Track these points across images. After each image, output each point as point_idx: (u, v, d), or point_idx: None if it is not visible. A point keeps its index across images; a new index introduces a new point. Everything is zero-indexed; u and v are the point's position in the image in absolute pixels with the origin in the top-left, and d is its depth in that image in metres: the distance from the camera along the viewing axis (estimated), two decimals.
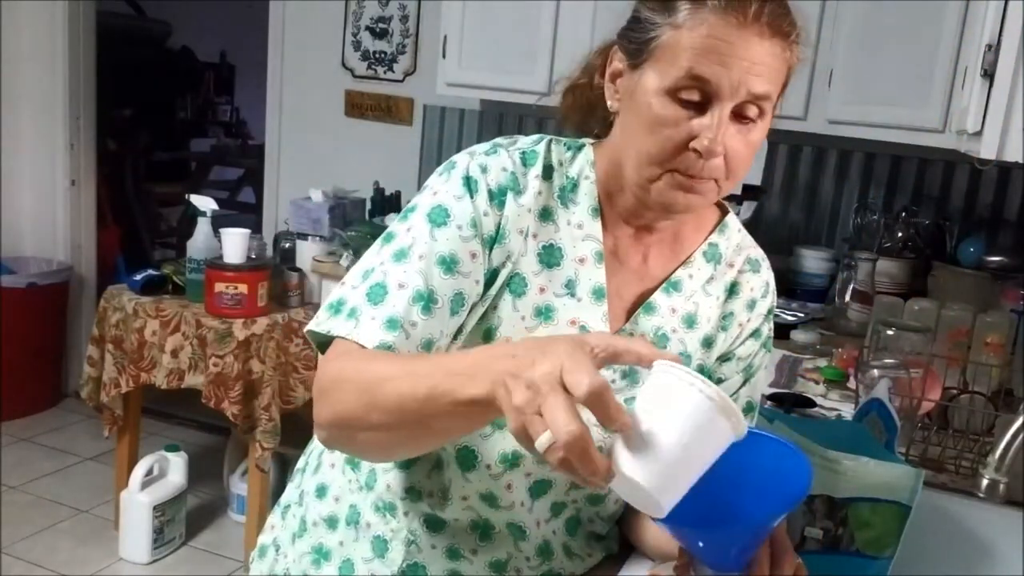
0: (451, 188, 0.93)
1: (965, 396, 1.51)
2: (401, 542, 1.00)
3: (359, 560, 1.02)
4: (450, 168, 0.95)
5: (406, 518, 1.00)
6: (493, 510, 0.98)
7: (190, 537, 2.96)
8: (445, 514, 0.99)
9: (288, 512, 1.11)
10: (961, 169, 2.65)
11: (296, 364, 2.80)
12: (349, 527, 1.03)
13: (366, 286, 0.90)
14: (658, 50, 0.87)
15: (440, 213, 0.92)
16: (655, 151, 0.88)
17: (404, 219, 0.94)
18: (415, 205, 0.95)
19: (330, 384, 0.85)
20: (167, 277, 2.83)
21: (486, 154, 0.95)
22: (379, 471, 1.01)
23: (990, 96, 1.35)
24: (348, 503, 1.04)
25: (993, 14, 1.37)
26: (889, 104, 2.25)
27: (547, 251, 0.95)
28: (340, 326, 0.88)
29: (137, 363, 2.69)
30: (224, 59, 6.93)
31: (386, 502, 1.01)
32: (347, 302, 0.90)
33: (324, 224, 2.91)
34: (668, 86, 0.86)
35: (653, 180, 0.89)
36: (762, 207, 2.58)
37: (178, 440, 3.09)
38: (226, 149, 6.76)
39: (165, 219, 5.66)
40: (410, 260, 0.90)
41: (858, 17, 2.33)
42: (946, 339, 1.62)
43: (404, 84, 3.35)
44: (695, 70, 0.84)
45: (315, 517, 1.06)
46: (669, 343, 0.99)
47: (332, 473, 1.06)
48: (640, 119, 0.89)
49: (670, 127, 0.86)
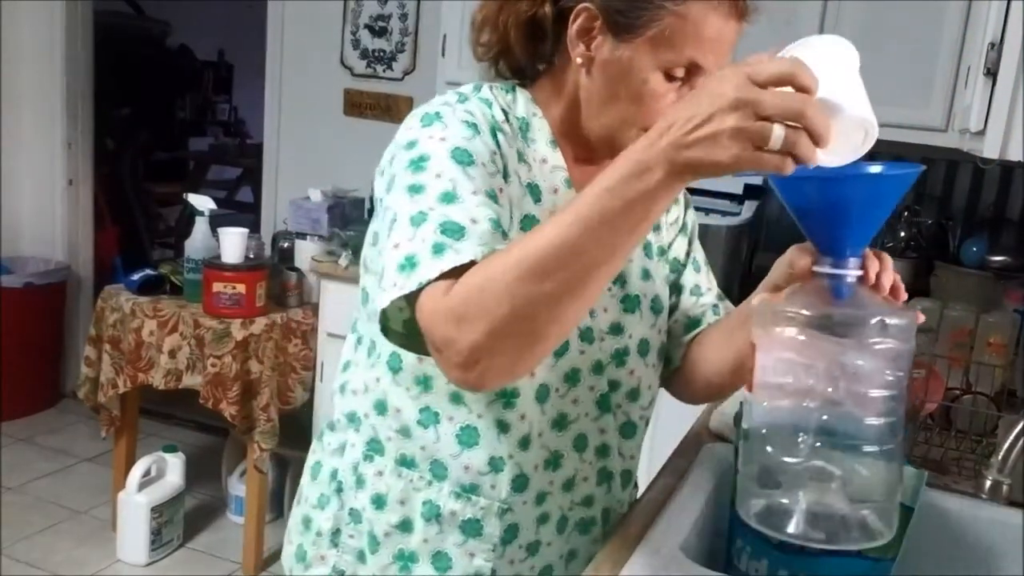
0: (458, 131, 0.92)
1: (968, 397, 1.50)
2: (494, 515, 1.03)
3: (452, 547, 1.04)
4: (436, 117, 0.94)
5: (494, 490, 1.03)
6: (561, 434, 1.05)
7: (188, 538, 2.95)
8: (528, 467, 1.03)
9: (340, 536, 1.08)
10: (964, 168, 2.64)
11: (295, 364, 2.80)
12: (430, 523, 1.03)
13: (432, 229, 0.82)
14: (658, 33, 0.91)
15: (462, 153, 0.90)
16: (638, 118, 0.95)
17: (421, 169, 0.89)
18: (425, 154, 0.90)
19: (469, 301, 0.76)
20: (165, 277, 2.82)
21: (459, 102, 0.97)
22: (448, 458, 1.02)
23: (993, 95, 1.34)
24: (419, 501, 1.03)
25: (996, 13, 1.37)
26: (891, 103, 2.23)
27: (531, 189, 1.00)
28: (431, 267, 0.79)
29: (135, 363, 2.68)
30: (223, 58, 6.92)
31: (466, 484, 1.02)
32: (420, 251, 0.81)
33: (323, 224, 2.90)
34: (665, 67, 0.92)
35: (628, 135, 0.95)
36: (763, 206, 2.57)
37: (176, 441, 3.08)
38: (225, 148, 6.74)
39: (163, 219, 5.66)
40: (464, 199, 0.85)
41: (859, 17, 2.32)
42: (948, 339, 1.61)
43: (403, 83, 3.34)
44: (696, 59, 0.92)
45: (384, 528, 1.05)
46: (652, 251, 1.11)
47: (383, 481, 1.05)
48: (630, 90, 0.94)
49: (658, 99, 0.94)
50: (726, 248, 2.41)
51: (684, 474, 1.23)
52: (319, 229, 2.90)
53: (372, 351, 1.06)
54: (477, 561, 1.04)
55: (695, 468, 1.24)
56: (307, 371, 2.83)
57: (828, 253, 0.82)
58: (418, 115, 0.96)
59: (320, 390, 2.84)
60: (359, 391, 1.08)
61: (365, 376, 1.07)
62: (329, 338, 2.80)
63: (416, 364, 1.01)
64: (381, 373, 1.04)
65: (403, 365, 1.02)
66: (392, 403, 1.04)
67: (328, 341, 2.80)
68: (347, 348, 1.13)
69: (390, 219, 0.88)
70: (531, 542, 1.07)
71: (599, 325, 1.05)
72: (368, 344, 1.07)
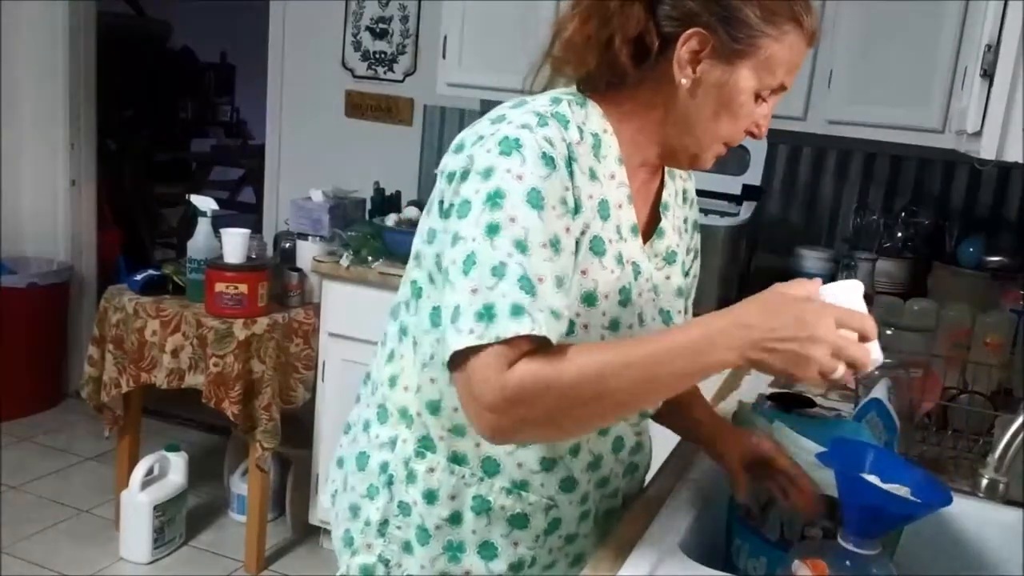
0: (535, 169, 0.95)
1: (964, 396, 1.51)
2: (541, 510, 1.11)
3: (498, 538, 1.11)
4: (516, 146, 0.96)
5: (543, 488, 1.10)
6: (603, 438, 1.13)
7: (190, 537, 2.96)
8: (576, 470, 1.11)
9: (388, 527, 1.13)
10: (961, 169, 2.65)
11: (296, 364, 2.81)
12: (480, 516, 1.10)
13: (512, 283, 0.91)
14: (758, 55, 1.00)
15: (536, 196, 0.94)
16: (728, 134, 1.05)
17: (497, 207, 0.93)
18: (501, 190, 0.94)
19: (528, 394, 0.89)
20: (167, 277, 2.83)
21: (540, 126, 0.98)
22: (502, 454, 1.08)
23: (990, 96, 1.35)
24: (470, 496, 1.09)
25: (993, 14, 1.37)
26: (889, 104, 2.25)
27: (601, 206, 1.04)
28: (509, 326, 0.89)
29: (137, 363, 2.69)
30: (224, 59, 6.92)
31: (517, 481, 1.09)
32: (500, 305, 0.90)
33: (324, 224, 2.91)
34: (759, 89, 1.02)
35: (710, 151, 1.07)
36: (762, 207, 2.58)
37: (178, 440, 3.09)
38: (226, 149, 6.76)
39: (165, 219, 5.66)
40: (533, 249, 0.93)
41: (858, 17, 2.33)
42: (946, 339, 1.62)
43: (404, 84, 3.35)
44: (785, 82, 1.03)
45: (435, 521, 1.10)
46: (677, 258, 1.16)
47: (434, 477, 1.09)
48: (726, 108, 1.03)
49: (749, 117, 1.04)
50: (725, 249, 2.42)
51: (683, 473, 1.24)
52: (320, 229, 2.91)
53: (419, 349, 1.09)
54: (520, 550, 1.12)
55: (694, 467, 1.25)
56: (309, 371, 2.84)
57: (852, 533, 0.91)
58: (496, 136, 0.97)
59: (322, 390, 2.85)
60: (411, 388, 1.11)
61: (419, 377, 1.10)
62: (331, 338, 2.81)
63: None
64: (437, 375, 1.07)
65: None
66: (447, 403, 1.07)
67: (330, 341, 2.82)
68: (390, 337, 1.15)
69: (464, 252, 0.93)
70: (571, 534, 1.15)
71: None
72: (411, 341, 1.10)
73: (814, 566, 0.90)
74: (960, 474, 1.37)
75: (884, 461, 0.97)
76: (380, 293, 2.67)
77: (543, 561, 1.14)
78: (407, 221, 2.78)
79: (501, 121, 1.00)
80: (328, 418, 2.85)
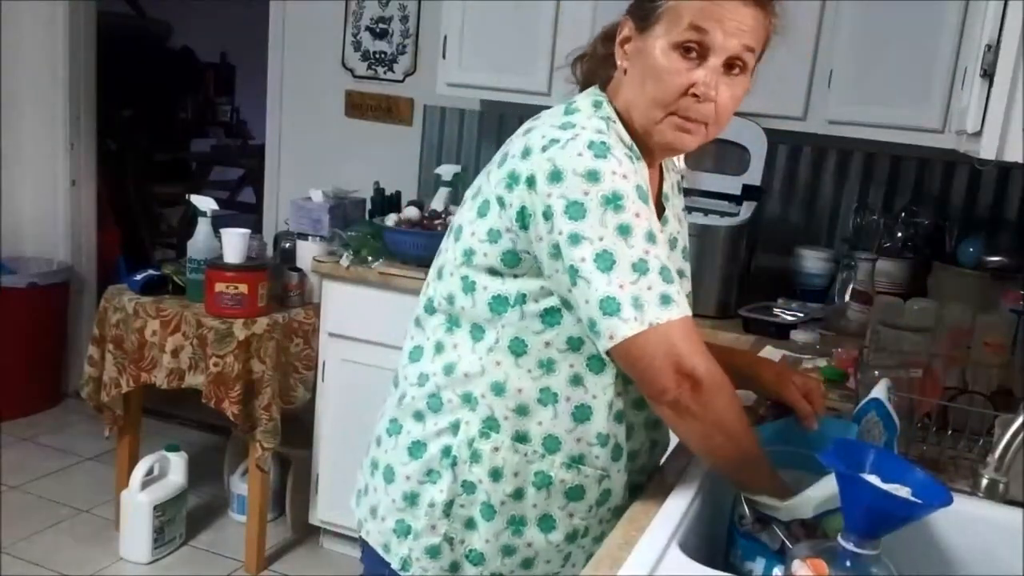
0: (629, 167, 1.07)
1: (964, 396, 1.51)
2: (595, 481, 1.19)
3: (556, 511, 1.19)
4: (607, 149, 1.06)
5: (598, 460, 1.19)
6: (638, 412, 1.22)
7: (190, 537, 2.97)
8: (620, 438, 1.20)
9: (453, 506, 1.19)
10: (961, 169, 2.65)
11: (296, 364, 2.81)
12: (540, 491, 1.18)
13: (656, 276, 1.04)
14: (664, 14, 1.08)
15: (642, 192, 1.07)
16: (659, 95, 1.10)
17: (620, 208, 1.04)
18: (618, 191, 1.04)
19: (719, 385, 1.07)
20: (167, 277, 2.83)
21: (609, 129, 1.11)
22: (563, 433, 1.17)
23: (990, 96, 1.35)
24: (532, 472, 1.17)
25: (993, 14, 1.37)
26: (889, 104, 2.25)
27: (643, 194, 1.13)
28: (660, 313, 1.03)
29: (137, 363, 2.69)
30: (224, 59, 6.92)
31: (575, 455, 1.17)
32: (644, 294, 1.03)
33: (324, 224, 2.91)
34: (673, 40, 1.08)
35: (657, 122, 1.11)
36: (762, 207, 2.58)
37: (178, 440, 3.09)
38: (226, 149, 6.75)
39: (165, 219, 5.66)
40: (659, 241, 1.06)
41: (858, 17, 2.33)
42: (946, 339, 1.61)
43: (404, 84, 3.35)
44: (695, 22, 1.06)
45: (501, 497, 1.17)
46: (678, 244, 1.26)
47: (499, 455, 1.16)
48: (647, 70, 1.10)
49: (673, 75, 1.08)
50: (725, 249, 2.42)
51: (683, 473, 1.24)
52: (320, 229, 2.91)
53: (481, 336, 1.16)
54: (575, 521, 1.21)
55: (694, 467, 1.25)
56: (309, 371, 2.84)
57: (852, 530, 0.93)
58: (580, 140, 1.07)
59: (322, 390, 2.85)
60: (473, 373, 1.17)
61: (483, 360, 1.16)
62: (331, 338, 2.81)
63: (542, 349, 1.14)
64: (502, 357, 1.15)
65: (528, 350, 1.15)
66: (512, 384, 1.15)
67: (330, 341, 2.82)
68: (433, 331, 1.21)
69: (595, 250, 1.03)
70: (617, 505, 1.23)
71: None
72: (470, 328, 1.16)
73: (814, 566, 0.90)
74: (960, 474, 1.36)
75: (884, 461, 0.97)
76: (380, 293, 2.67)
77: (594, 533, 1.22)
78: (407, 221, 2.78)
79: (571, 127, 1.09)
80: (328, 418, 2.85)
